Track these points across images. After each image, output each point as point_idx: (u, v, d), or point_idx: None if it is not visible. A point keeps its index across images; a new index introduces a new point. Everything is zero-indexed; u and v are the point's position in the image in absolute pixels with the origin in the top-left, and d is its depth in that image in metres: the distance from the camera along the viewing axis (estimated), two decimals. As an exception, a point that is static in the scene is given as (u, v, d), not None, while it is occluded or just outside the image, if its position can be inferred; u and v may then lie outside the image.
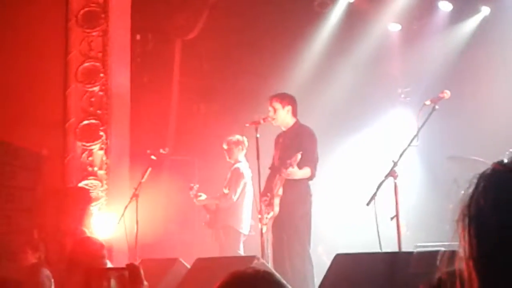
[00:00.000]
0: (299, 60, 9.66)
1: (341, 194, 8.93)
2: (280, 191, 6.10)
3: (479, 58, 8.85)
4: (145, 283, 3.25)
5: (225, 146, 7.63)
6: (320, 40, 9.70)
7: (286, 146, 6.35)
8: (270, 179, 6.34)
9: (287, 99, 6.43)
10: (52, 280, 5.76)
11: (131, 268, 3.18)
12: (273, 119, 6.36)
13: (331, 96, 9.41)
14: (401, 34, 9.67)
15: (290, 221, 6.10)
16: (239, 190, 7.49)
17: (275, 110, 6.35)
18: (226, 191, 7.52)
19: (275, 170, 6.37)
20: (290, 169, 5.91)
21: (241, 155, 7.65)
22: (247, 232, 7.58)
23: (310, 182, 6.32)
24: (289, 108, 6.39)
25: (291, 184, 6.10)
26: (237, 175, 7.50)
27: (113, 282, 3.34)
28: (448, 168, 8.08)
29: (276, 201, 6.10)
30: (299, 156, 5.88)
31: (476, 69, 8.79)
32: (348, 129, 9.38)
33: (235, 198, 7.46)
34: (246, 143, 7.57)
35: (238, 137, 7.64)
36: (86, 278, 3.54)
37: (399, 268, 3.75)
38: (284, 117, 6.38)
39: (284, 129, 6.47)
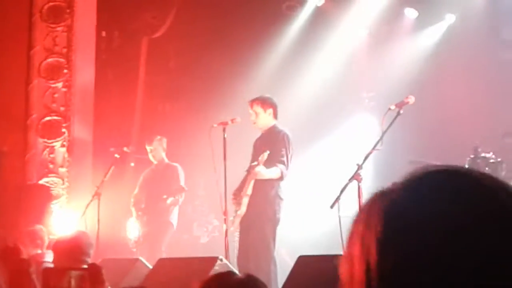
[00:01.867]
0: (266, 61, 9.67)
1: (306, 196, 8.96)
2: (249, 191, 6.10)
3: (443, 64, 8.99)
4: (107, 284, 3.19)
5: (151, 147, 7.67)
6: (287, 42, 9.73)
7: (260, 148, 6.36)
8: (244, 180, 6.34)
9: (268, 102, 6.46)
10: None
11: (92, 269, 3.13)
12: (254, 123, 6.39)
13: (296, 99, 9.43)
14: (367, 39, 9.77)
15: (256, 221, 6.11)
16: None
17: (256, 114, 6.37)
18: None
19: None
20: (257, 168, 5.94)
21: (163, 155, 7.77)
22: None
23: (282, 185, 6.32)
24: (270, 111, 6.42)
25: (260, 185, 6.11)
26: (182, 174, 7.63)
27: (73, 282, 3.27)
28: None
29: (245, 200, 6.10)
30: (265, 154, 5.91)
31: (440, 76, 8.93)
32: (313, 132, 9.42)
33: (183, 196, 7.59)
34: (165, 143, 7.79)
35: (159, 137, 7.80)
36: (43, 277, 3.47)
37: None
38: (266, 120, 6.41)
39: (262, 131, 6.51)
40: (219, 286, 1.64)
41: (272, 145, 6.24)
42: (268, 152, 5.96)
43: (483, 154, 7.12)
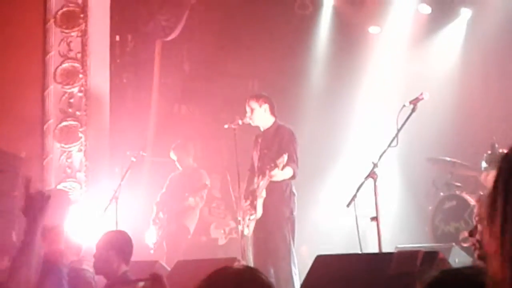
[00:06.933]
0: (280, 61, 9.66)
1: (324, 195, 8.93)
2: (264, 193, 6.08)
3: (460, 60, 8.92)
4: None
5: (174, 157, 7.68)
6: (300, 42, 9.72)
7: (265, 146, 6.36)
8: (250, 181, 6.33)
9: (262, 98, 6.49)
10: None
11: (155, 278, 3.09)
12: (251, 119, 6.40)
13: (311, 97, 9.42)
14: (382, 36, 9.70)
15: (274, 222, 6.08)
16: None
17: (252, 110, 6.41)
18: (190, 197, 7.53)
19: (254, 171, 6.36)
20: (276, 170, 5.90)
21: (190, 160, 7.81)
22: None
23: (293, 182, 6.32)
24: (266, 106, 6.43)
25: (273, 186, 6.09)
26: (205, 178, 7.68)
27: None
28: (426, 170, 8.14)
29: (259, 202, 6.08)
30: (285, 157, 5.88)
31: (456, 71, 8.85)
32: (328, 130, 9.39)
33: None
34: (192, 148, 7.82)
35: (174, 145, 7.84)
36: None
37: (379, 269, 3.75)
38: (262, 116, 6.42)
39: (262, 129, 6.49)
40: (217, 278, 1.67)
41: (279, 144, 6.25)
42: (286, 154, 5.94)
43: (500, 150, 7.05)
